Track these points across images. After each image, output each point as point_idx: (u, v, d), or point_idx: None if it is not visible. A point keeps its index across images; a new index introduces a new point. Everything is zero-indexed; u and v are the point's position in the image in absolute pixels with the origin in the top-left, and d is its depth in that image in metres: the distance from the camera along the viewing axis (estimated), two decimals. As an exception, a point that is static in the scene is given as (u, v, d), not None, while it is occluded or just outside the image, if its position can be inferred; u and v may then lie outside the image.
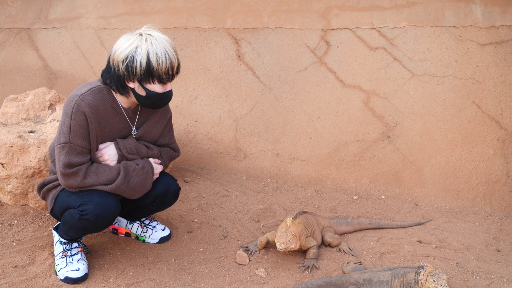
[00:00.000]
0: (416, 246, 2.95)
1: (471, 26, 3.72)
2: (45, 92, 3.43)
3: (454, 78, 3.72)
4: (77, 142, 2.26)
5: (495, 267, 2.76)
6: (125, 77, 2.26)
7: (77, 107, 2.25)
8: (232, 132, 4.05)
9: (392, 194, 3.68)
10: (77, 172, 2.28)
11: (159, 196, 2.59)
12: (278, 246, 2.58)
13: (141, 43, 2.21)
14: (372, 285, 2.41)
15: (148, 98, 2.32)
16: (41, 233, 2.85)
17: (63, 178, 2.29)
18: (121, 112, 2.42)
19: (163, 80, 2.28)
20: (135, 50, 2.20)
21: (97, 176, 2.32)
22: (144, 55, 2.19)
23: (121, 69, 2.24)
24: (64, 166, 2.25)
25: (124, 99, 2.39)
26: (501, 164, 3.56)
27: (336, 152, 3.87)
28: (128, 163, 2.41)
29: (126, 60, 2.21)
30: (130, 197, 2.43)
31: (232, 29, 4.17)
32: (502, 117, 3.60)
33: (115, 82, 2.30)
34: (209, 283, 2.54)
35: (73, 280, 2.46)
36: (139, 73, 2.22)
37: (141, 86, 2.28)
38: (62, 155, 2.26)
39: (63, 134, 2.26)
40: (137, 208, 2.70)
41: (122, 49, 2.22)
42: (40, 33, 4.50)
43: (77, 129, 2.25)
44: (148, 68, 2.21)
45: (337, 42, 3.98)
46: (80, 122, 2.25)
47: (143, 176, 2.43)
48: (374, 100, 3.86)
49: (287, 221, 2.67)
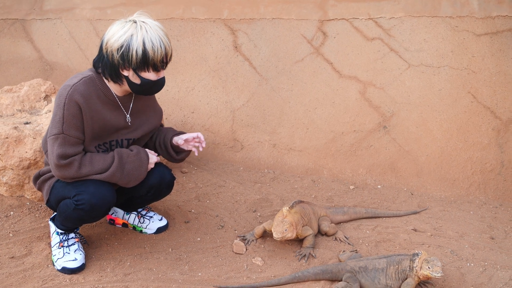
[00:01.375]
0: (411, 234, 2.97)
1: (467, 17, 3.73)
2: (40, 84, 3.42)
3: (450, 68, 3.73)
4: (71, 132, 2.25)
5: (489, 254, 2.79)
6: (120, 65, 2.24)
7: (70, 97, 2.23)
8: (229, 123, 4.06)
9: (388, 183, 3.70)
10: (72, 163, 2.26)
11: (154, 186, 2.58)
12: (274, 235, 2.60)
13: (136, 31, 2.19)
14: (367, 272, 2.43)
15: (142, 86, 2.31)
16: (38, 224, 2.85)
17: (57, 170, 2.27)
18: (115, 100, 2.41)
19: (158, 68, 2.28)
20: (130, 38, 2.18)
21: (92, 165, 2.31)
22: (140, 44, 2.18)
23: (115, 57, 2.22)
24: (58, 157, 2.23)
25: (117, 87, 2.37)
26: (496, 153, 3.58)
27: (333, 143, 3.88)
28: (122, 150, 2.41)
29: (122, 48, 2.19)
30: (125, 185, 2.42)
31: (229, 19, 4.16)
32: (497, 107, 3.61)
33: (108, 70, 2.28)
34: (206, 272, 2.55)
35: (70, 270, 2.46)
36: (135, 61, 2.21)
37: (135, 74, 2.27)
38: (56, 146, 2.24)
39: (56, 125, 2.24)
40: (132, 198, 2.70)
41: (117, 37, 2.19)
42: (35, 24, 4.47)
43: (70, 120, 2.24)
44: (144, 56, 2.20)
45: (334, 32, 3.97)
46: (73, 112, 2.24)
47: (137, 163, 2.41)
48: (370, 91, 3.86)
49: (283, 210, 2.69)
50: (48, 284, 2.38)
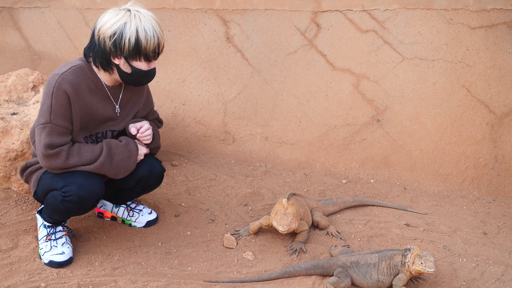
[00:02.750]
0: (404, 229, 2.95)
1: (462, 9, 3.69)
2: (28, 73, 3.36)
3: (444, 61, 3.70)
4: (58, 122, 2.22)
5: (482, 249, 2.78)
6: (112, 53, 2.22)
7: (58, 86, 2.20)
8: (220, 116, 4.01)
9: (381, 178, 3.68)
10: (59, 153, 2.23)
11: (143, 178, 2.55)
12: (281, 229, 2.56)
13: (130, 19, 2.17)
14: (359, 267, 2.41)
15: (133, 75, 2.29)
16: (25, 217, 2.80)
17: (44, 160, 2.24)
18: (104, 90, 2.38)
19: (149, 58, 2.27)
20: (123, 26, 2.16)
21: (80, 156, 2.28)
22: (134, 32, 2.17)
23: (107, 44, 2.19)
24: (45, 147, 2.20)
25: (107, 76, 2.35)
26: (489, 148, 3.56)
27: (326, 136, 3.84)
28: (111, 141, 2.38)
29: (114, 36, 2.17)
30: (114, 177, 2.39)
31: (221, 10, 4.09)
32: (491, 101, 3.60)
33: (99, 58, 2.25)
34: (196, 267, 2.53)
35: (58, 264, 2.43)
36: (127, 49, 2.19)
37: (127, 63, 2.25)
38: (43, 135, 2.21)
39: (43, 114, 2.21)
40: (121, 190, 2.67)
41: (110, 25, 2.17)
42: (23, 13, 4.38)
43: (59, 109, 2.21)
44: (137, 45, 2.19)
45: (328, 24, 3.93)
46: (62, 101, 2.21)
47: (126, 154, 2.39)
48: (364, 84, 3.83)
49: (283, 202, 2.65)
50: (35, 278, 2.35)
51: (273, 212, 2.69)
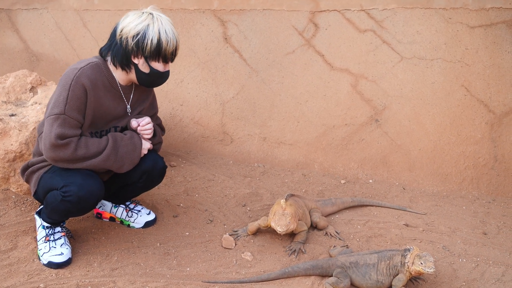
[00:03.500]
0: (403, 229, 2.95)
1: (461, 8, 3.69)
2: (26, 75, 3.35)
3: (443, 61, 3.70)
4: (72, 114, 2.25)
5: (482, 250, 2.78)
6: (133, 52, 2.31)
7: (77, 79, 2.26)
8: (218, 116, 4.00)
9: (380, 178, 3.67)
10: (69, 144, 2.25)
11: (147, 171, 2.58)
12: (279, 229, 2.56)
13: (152, 21, 2.30)
14: (358, 268, 2.41)
15: (150, 76, 2.38)
16: (24, 218, 2.79)
17: (52, 150, 2.24)
18: (118, 88, 2.45)
19: (167, 60, 2.38)
20: (147, 28, 2.28)
21: (87, 148, 2.30)
22: (156, 33, 2.28)
23: (130, 44, 2.29)
24: (56, 136, 2.22)
25: (123, 76, 2.42)
26: (489, 147, 3.56)
27: (324, 136, 3.84)
28: (116, 134, 2.43)
29: (137, 36, 2.28)
30: (118, 170, 2.41)
31: (219, 10, 4.09)
32: (490, 100, 3.59)
33: (120, 56, 2.33)
34: (194, 267, 2.52)
35: (57, 264, 2.43)
36: (149, 49, 2.29)
37: (146, 63, 2.34)
38: (55, 125, 2.23)
39: (58, 105, 2.24)
40: (123, 187, 2.68)
41: (133, 25, 2.28)
42: (21, 14, 4.38)
43: (74, 102, 2.25)
44: (158, 46, 2.30)
45: (326, 24, 3.92)
46: (78, 94, 2.26)
47: (131, 147, 2.43)
48: (362, 84, 3.82)
49: (281, 203, 2.64)
50: (34, 279, 2.34)
51: (271, 213, 2.68)
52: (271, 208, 2.73)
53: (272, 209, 2.70)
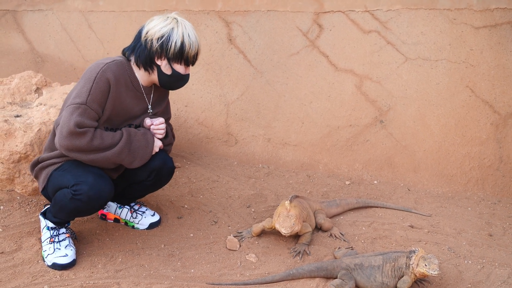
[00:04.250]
0: (408, 231, 2.94)
1: (465, 9, 3.67)
2: (31, 76, 3.36)
3: (447, 62, 3.68)
4: (93, 106, 2.31)
5: (487, 251, 2.76)
6: (157, 53, 2.39)
7: (103, 73, 2.33)
8: (223, 117, 4.00)
9: (385, 179, 3.66)
10: (86, 133, 2.29)
11: (156, 169, 2.61)
12: (284, 231, 2.56)
13: (177, 25, 2.39)
14: (363, 270, 2.40)
15: (171, 77, 2.47)
16: (28, 219, 2.80)
17: (69, 137, 2.26)
18: (140, 88, 2.52)
19: (189, 63, 2.47)
20: (171, 31, 2.37)
21: (102, 139, 2.34)
22: (180, 37, 2.38)
23: (154, 45, 2.37)
24: (75, 124, 2.25)
25: (145, 76, 2.49)
26: (494, 148, 3.54)
27: (328, 137, 3.83)
28: (130, 129, 2.49)
29: (162, 38, 2.36)
30: (129, 165, 2.45)
31: (223, 11, 4.09)
32: (495, 101, 3.57)
33: (143, 57, 2.41)
34: (199, 269, 2.52)
35: (61, 266, 2.43)
36: (172, 51, 2.38)
37: (168, 65, 2.43)
38: (75, 114, 2.27)
39: (81, 95, 2.30)
40: (131, 185, 2.69)
41: (159, 28, 2.37)
42: (26, 16, 4.39)
43: (97, 94, 2.31)
44: (181, 48, 2.39)
45: (330, 25, 3.92)
46: (102, 87, 2.32)
47: (144, 142, 2.48)
48: (367, 84, 3.82)
49: (286, 204, 2.64)
50: (38, 280, 2.34)
51: (275, 215, 2.68)
52: (276, 210, 2.73)
53: (277, 210, 2.70)
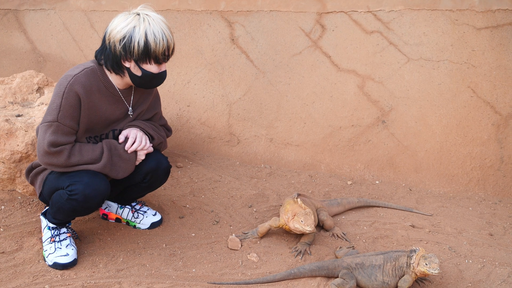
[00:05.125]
0: (409, 230, 2.93)
1: (467, 10, 3.67)
2: (33, 75, 3.37)
3: (449, 62, 3.68)
4: (65, 121, 2.25)
5: (488, 251, 2.76)
6: (122, 56, 2.26)
7: (70, 87, 2.24)
8: (225, 117, 4.00)
9: (387, 179, 3.66)
10: (62, 152, 2.26)
11: (150, 171, 2.57)
12: (308, 229, 2.53)
13: (138, 23, 2.22)
14: (364, 269, 2.40)
15: (143, 78, 2.33)
16: (29, 219, 2.80)
17: (45, 156, 2.25)
18: (116, 93, 2.42)
19: (159, 61, 2.30)
20: (133, 30, 2.21)
21: (81, 155, 2.31)
22: (142, 35, 2.21)
23: (118, 48, 2.24)
24: (48, 144, 2.23)
25: (118, 79, 2.39)
26: (495, 149, 3.54)
27: (331, 137, 3.83)
28: (111, 142, 2.42)
29: (124, 39, 2.22)
30: (115, 177, 2.41)
31: (226, 11, 4.09)
32: (497, 101, 3.57)
33: (110, 61, 2.30)
34: (200, 268, 2.52)
35: (62, 265, 2.42)
36: (137, 53, 2.23)
37: (137, 66, 2.29)
38: (48, 133, 2.24)
39: (51, 112, 2.24)
40: (128, 188, 2.68)
41: (120, 29, 2.22)
42: (28, 15, 4.40)
43: (67, 109, 2.24)
44: (146, 48, 2.22)
45: (333, 25, 3.92)
46: (72, 102, 2.24)
47: (125, 156, 2.43)
48: (369, 85, 3.82)
49: (299, 202, 2.63)
50: (39, 280, 2.34)
51: (284, 213, 2.65)
52: (283, 208, 2.71)
53: (285, 209, 2.67)
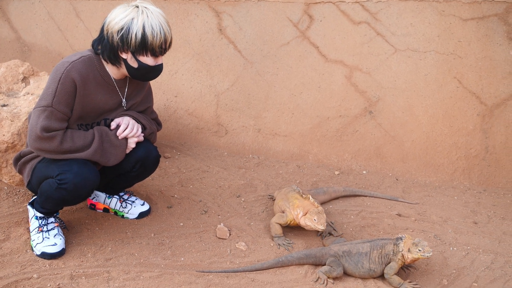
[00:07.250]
0: (395, 219, 2.97)
1: (454, 1, 3.70)
2: (18, 65, 3.32)
3: (436, 53, 3.71)
4: (59, 107, 2.25)
5: (472, 238, 2.81)
6: (119, 47, 2.27)
7: (67, 73, 2.24)
8: (213, 108, 4.00)
9: (373, 169, 3.69)
10: (54, 137, 2.25)
11: (140, 160, 2.57)
12: (321, 227, 2.56)
13: (137, 15, 2.23)
14: (351, 256, 2.43)
15: (139, 70, 2.34)
16: (16, 209, 2.78)
17: (37, 141, 2.24)
18: (112, 82, 2.43)
19: (156, 53, 2.31)
20: (131, 22, 2.22)
21: (73, 141, 2.30)
22: (140, 27, 2.22)
23: (115, 39, 2.25)
24: (41, 129, 2.22)
25: (114, 70, 2.40)
26: (480, 139, 3.59)
27: (318, 128, 3.85)
28: (102, 128, 2.42)
29: (122, 30, 2.23)
30: (105, 164, 2.41)
31: (213, 1, 4.07)
32: (482, 92, 3.62)
33: (107, 52, 2.30)
34: (189, 257, 2.53)
35: (50, 255, 2.42)
36: (134, 44, 2.24)
37: (133, 58, 2.30)
38: (42, 118, 2.22)
39: (46, 97, 2.23)
40: (117, 177, 2.67)
41: (118, 20, 2.23)
42: (12, 4, 4.33)
43: (62, 95, 2.24)
44: (143, 40, 2.24)
45: (320, 16, 3.92)
46: (67, 88, 2.24)
47: (117, 142, 2.43)
48: (356, 75, 3.83)
49: (311, 200, 2.65)
50: (27, 269, 2.33)
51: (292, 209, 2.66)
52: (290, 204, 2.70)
53: (293, 204, 2.68)
